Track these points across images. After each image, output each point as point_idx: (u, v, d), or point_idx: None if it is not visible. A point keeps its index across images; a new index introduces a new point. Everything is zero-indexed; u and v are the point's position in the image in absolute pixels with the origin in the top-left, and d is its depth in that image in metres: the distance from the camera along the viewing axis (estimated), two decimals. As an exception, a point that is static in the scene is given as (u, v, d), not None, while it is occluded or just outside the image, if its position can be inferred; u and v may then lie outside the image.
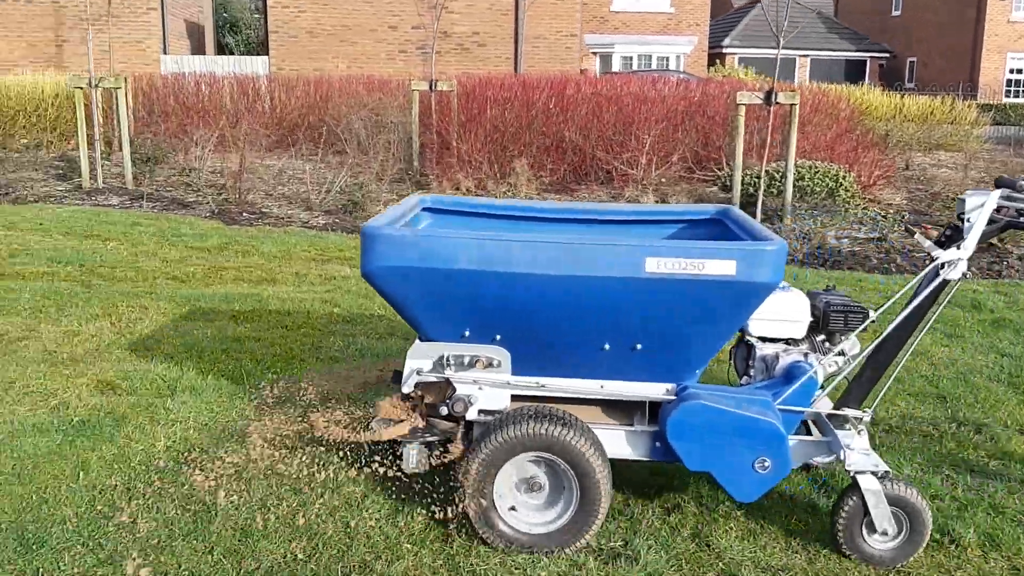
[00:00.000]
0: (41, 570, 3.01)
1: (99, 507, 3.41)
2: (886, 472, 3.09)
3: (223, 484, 3.55)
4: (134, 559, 3.06)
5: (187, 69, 17.30)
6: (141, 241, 8.38)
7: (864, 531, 3.12)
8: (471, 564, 3.11)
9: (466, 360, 3.24)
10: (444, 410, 3.26)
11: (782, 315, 3.37)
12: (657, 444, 3.26)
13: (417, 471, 3.31)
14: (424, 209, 4.04)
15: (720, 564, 3.15)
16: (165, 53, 19.72)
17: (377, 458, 3.47)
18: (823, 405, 3.35)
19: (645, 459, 3.31)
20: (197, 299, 6.41)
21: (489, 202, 4.15)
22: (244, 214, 10.11)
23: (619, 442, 3.29)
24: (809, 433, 3.42)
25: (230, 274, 7.26)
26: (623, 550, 3.21)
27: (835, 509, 3.16)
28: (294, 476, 3.57)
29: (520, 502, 3.20)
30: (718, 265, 2.93)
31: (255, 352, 5.27)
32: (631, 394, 3.30)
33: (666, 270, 2.95)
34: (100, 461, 3.78)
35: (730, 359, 3.70)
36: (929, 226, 9.90)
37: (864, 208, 10.28)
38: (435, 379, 3.28)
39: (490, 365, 3.24)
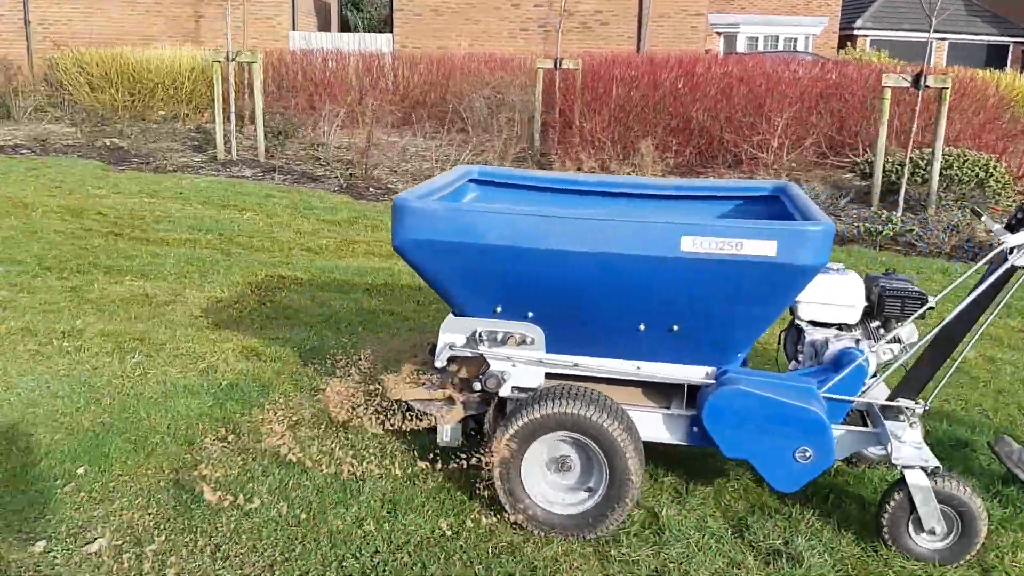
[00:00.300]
0: (200, 529, 3.07)
1: (251, 471, 3.46)
2: (937, 468, 2.90)
3: (368, 456, 3.55)
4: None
5: (314, 45, 17.67)
6: (275, 212, 8.58)
7: (911, 528, 2.96)
8: (622, 553, 3.01)
9: (499, 336, 3.21)
10: (477, 386, 3.24)
11: (834, 299, 3.20)
12: (695, 429, 3.16)
13: (452, 445, 3.32)
14: (471, 181, 3.97)
15: (890, 573, 2.95)
16: (294, 29, 20.20)
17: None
18: (877, 394, 3.15)
19: (682, 443, 3.22)
20: (331, 271, 6.50)
21: (538, 174, 4.05)
22: (371, 189, 10.24)
23: (655, 425, 3.21)
24: (865, 424, 3.24)
25: (361, 247, 7.34)
26: (784, 548, 3.05)
27: (881, 503, 3.02)
28: (439, 449, 3.54)
29: (550, 481, 3.15)
30: (757, 245, 2.79)
31: (390, 325, 5.29)
32: (668, 376, 3.19)
33: (703, 249, 2.83)
34: (249, 425, 3.85)
35: (778, 343, 3.56)
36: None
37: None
38: (469, 354, 3.26)
39: (523, 342, 3.20)
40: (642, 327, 3.07)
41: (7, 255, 6.50)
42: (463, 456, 3.24)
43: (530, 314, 3.17)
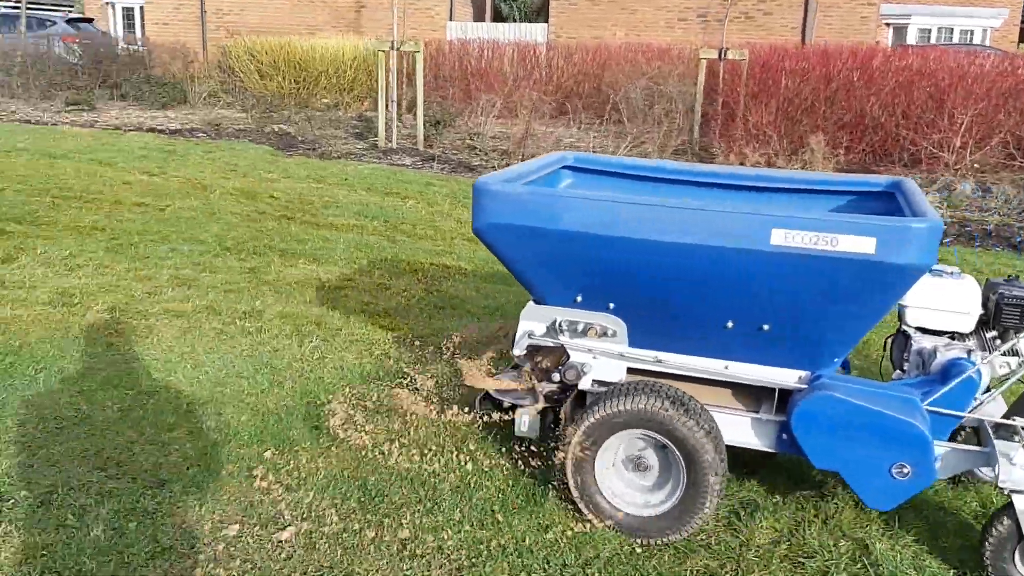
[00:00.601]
0: (386, 525, 3.03)
1: (428, 465, 3.40)
2: None
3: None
4: (468, 529, 3.01)
5: (471, 35, 17.81)
6: (436, 201, 8.63)
7: (1017, 558, 2.69)
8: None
9: (579, 327, 3.10)
10: (556, 376, 3.16)
11: (945, 304, 2.95)
12: (784, 436, 2.95)
13: (529, 436, 3.24)
14: (566, 167, 3.87)
15: None
16: (451, 20, 20.45)
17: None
18: (991, 411, 2.85)
19: (769, 450, 3.02)
20: (494, 262, 6.41)
21: (638, 162, 3.87)
22: (528, 179, 10.18)
23: (741, 429, 3.02)
24: (977, 442, 2.93)
25: (522, 239, 7.26)
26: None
27: (985, 528, 2.76)
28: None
29: (626, 480, 3.03)
30: (854, 242, 2.57)
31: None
32: (758, 379, 2.99)
33: (794, 243, 2.62)
34: (425, 419, 3.80)
35: (883, 349, 3.32)
36: None
37: None
38: (550, 344, 3.17)
39: (604, 334, 3.08)
40: (730, 324, 2.89)
41: (190, 235, 6.78)
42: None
43: (611, 305, 3.05)
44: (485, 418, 3.49)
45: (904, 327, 3.09)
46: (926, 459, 2.68)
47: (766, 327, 2.84)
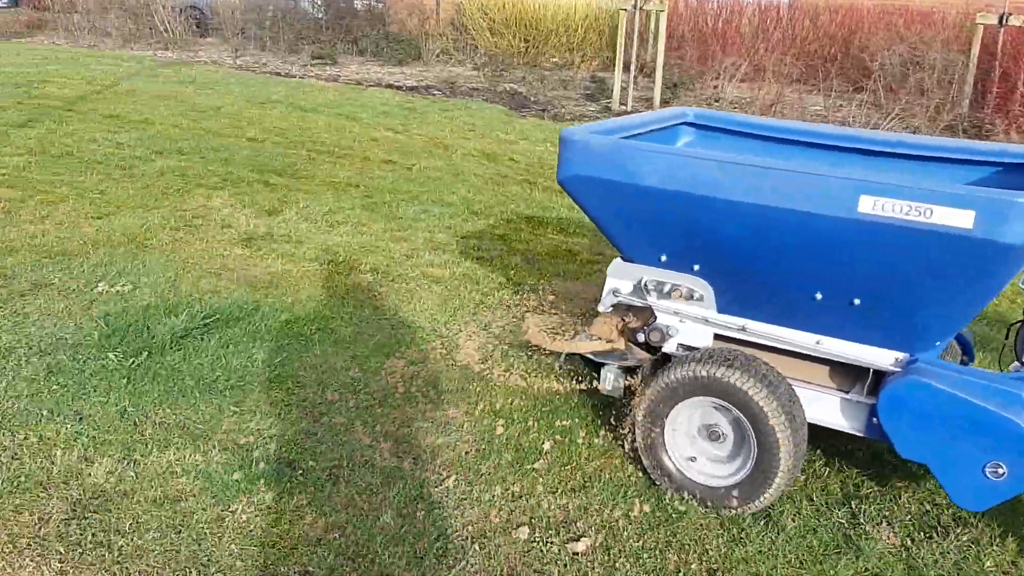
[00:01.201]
0: (688, 547, 2.72)
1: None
2: None
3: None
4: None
5: (708, -6, 16.95)
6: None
7: None
8: None
9: (665, 288, 3.02)
10: (641, 337, 3.10)
11: None
12: (874, 420, 2.72)
13: (613, 394, 3.25)
14: (688, 123, 3.73)
15: None
16: (684, -23, 19.63)
17: None
18: None
19: (858, 433, 2.83)
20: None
21: (764, 121, 3.67)
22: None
23: (829, 408, 2.85)
24: None
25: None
26: None
27: None
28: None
29: (699, 449, 2.93)
30: (951, 214, 2.33)
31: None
32: (849, 356, 2.79)
33: (884, 212, 2.42)
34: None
35: (1005, 337, 3.09)
36: None
37: None
38: (637, 303, 3.11)
39: (691, 297, 2.98)
40: (818, 296, 2.71)
41: (438, 196, 6.75)
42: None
43: (696, 267, 2.93)
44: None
45: None
46: (1019, 463, 2.44)
47: (856, 302, 2.65)
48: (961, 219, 2.32)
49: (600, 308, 3.24)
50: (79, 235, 5.32)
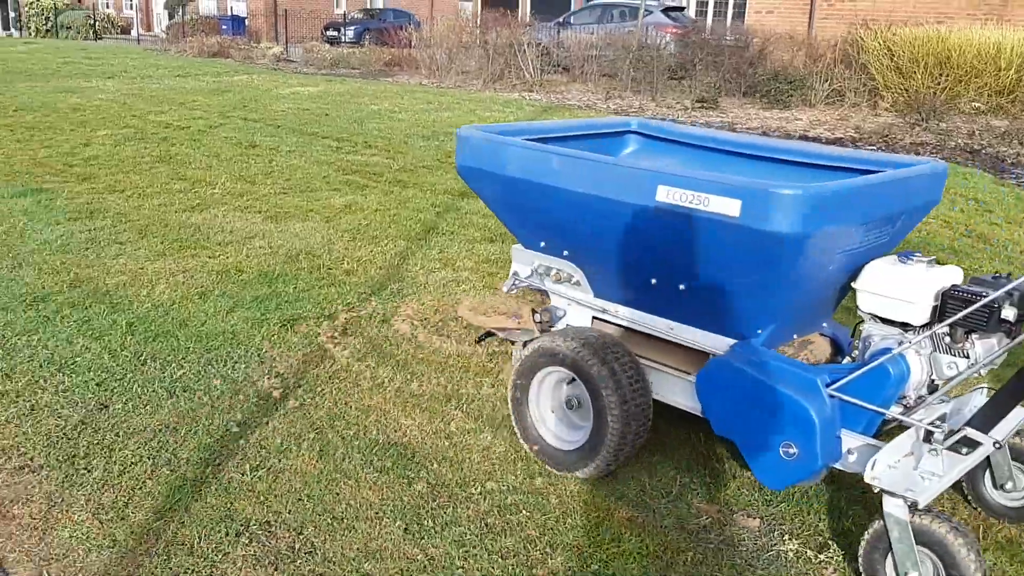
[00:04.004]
0: None
1: None
2: (922, 504, 2.33)
3: None
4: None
5: None
6: None
7: (887, 567, 2.44)
8: None
9: (545, 270, 3.28)
10: (537, 318, 3.32)
11: (892, 292, 2.66)
12: None
13: None
14: (633, 132, 3.90)
15: None
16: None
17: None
18: (950, 412, 2.70)
19: (699, 413, 2.94)
20: None
21: (698, 131, 3.83)
22: None
23: (676, 388, 3.04)
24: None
25: None
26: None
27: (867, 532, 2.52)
28: None
29: (559, 415, 3.17)
30: (722, 203, 2.51)
31: None
32: (691, 341, 2.96)
33: (674, 200, 2.62)
34: None
35: (851, 335, 3.13)
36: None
37: None
38: (535, 287, 3.39)
39: (569, 281, 3.23)
40: (653, 281, 2.92)
41: None
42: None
43: (565, 252, 3.18)
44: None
45: (860, 312, 2.83)
46: (811, 442, 2.56)
47: (682, 287, 2.84)
48: (731, 207, 2.48)
49: (504, 290, 3.47)
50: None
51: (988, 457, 2.68)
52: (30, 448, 3.11)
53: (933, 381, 2.68)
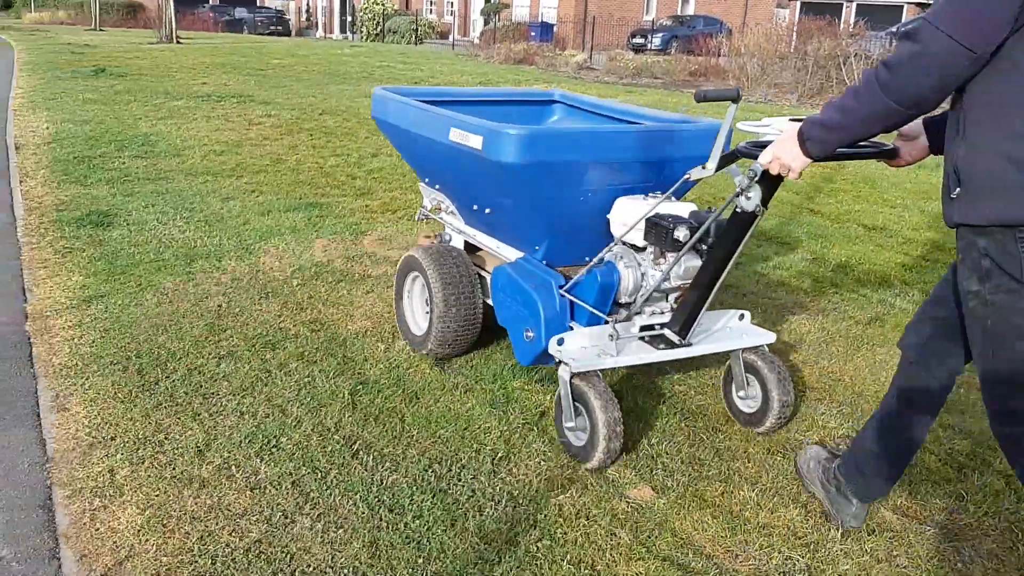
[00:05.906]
0: None
1: None
2: (573, 369, 2.98)
3: None
4: None
5: None
6: None
7: (563, 420, 3.11)
8: None
9: (432, 202, 4.09)
10: (429, 243, 4.04)
11: (622, 219, 3.22)
12: None
13: None
14: (556, 102, 4.60)
15: None
16: None
17: None
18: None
19: None
20: None
21: (596, 100, 4.43)
22: None
23: None
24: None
25: None
26: None
27: None
28: None
29: (420, 308, 3.98)
30: (474, 140, 3.17)
31: None
32: (504, 256, 3.63)
33: (456, 139, 3.28)
34: None
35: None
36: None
37: None
38: (434, 217, 4.16)
39: (447, 210, 4.00)
40: (475, 207, 3.58)
41: None
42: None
43: (437, 185, 3.97)
44: None
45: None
46: (538, 327, 3.22)
47: (488, 211, 3.51)
48: (477, 142, 3.15)
49: (416, 219, 4.33)
50: None
51: (731, 368, 3.39)
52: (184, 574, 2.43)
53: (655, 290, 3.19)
